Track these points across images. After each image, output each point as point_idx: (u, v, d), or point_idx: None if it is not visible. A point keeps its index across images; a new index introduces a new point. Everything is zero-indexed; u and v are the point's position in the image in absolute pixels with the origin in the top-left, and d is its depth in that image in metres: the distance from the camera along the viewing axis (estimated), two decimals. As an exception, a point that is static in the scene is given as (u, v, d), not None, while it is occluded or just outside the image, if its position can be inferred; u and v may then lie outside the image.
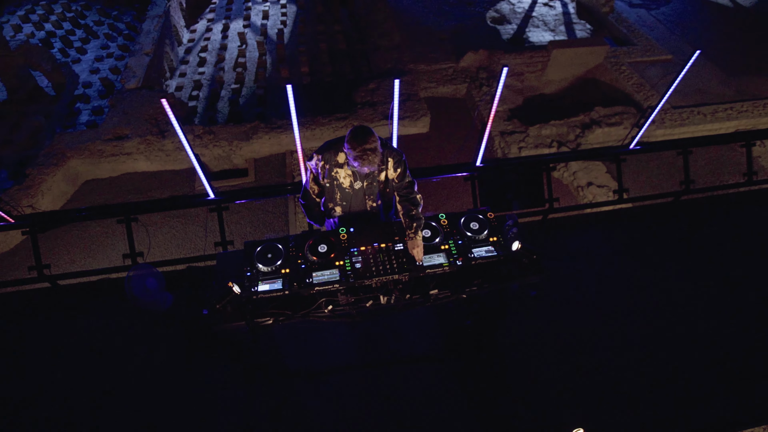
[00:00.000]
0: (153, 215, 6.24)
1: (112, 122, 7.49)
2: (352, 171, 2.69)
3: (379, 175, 2.76)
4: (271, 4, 12.42)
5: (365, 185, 2.76)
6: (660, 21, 10.28)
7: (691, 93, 8.09)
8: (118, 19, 11.55)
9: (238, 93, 9.78)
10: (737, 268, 3.47)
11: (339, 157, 2.68)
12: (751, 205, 3.94)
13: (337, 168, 2.69)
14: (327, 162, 2.70)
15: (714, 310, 3.28)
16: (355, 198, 2.79)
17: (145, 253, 3.19)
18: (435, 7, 11.03)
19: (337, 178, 2.72)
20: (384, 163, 2.72)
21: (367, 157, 2.39)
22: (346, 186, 2.74)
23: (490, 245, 2.47)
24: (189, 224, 6.32)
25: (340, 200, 2.80)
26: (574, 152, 3.76)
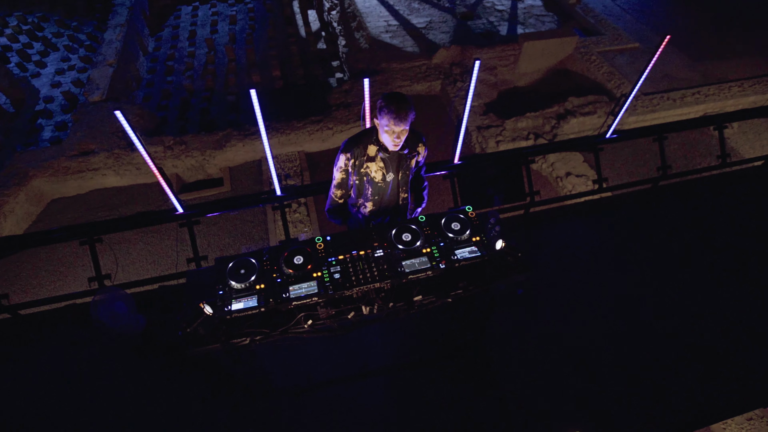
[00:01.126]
0: (122, 233, 6.00)
1: (77, 137, 7.18)
2: (384, 162, 2.62)
3: (411, 161, 2.70)
4: (238, 9, 12.16)
5: (400, 176, 2.69)
6: (625, 10, 10.47)
7: (659, 79, 8.25)
8: (78, 29, 11.12)
9: (209, 101, 9.53)
10: (724, 251, 3.50)
11: (369, 150, 2.60)
12: (729, 187, 3.99)
13: (368, 162, 2.61)
14: (356, 158, 2.62)
15: (703, 297, 3.29)
16: (388, 191, 2.72)
17: (113, 275, 3.02)
18: (404, 4, 10.98)
19: (368, 174, 2.65)
20: (415, 149, 2.69)
21: (402, 107, 2.36)
22: (378, 180, 2.67)
23: (473, 245, 2.40)
24: (160, 241, 6.09)
25: (372, 195, 2.73)
26: (552, 144, 3.74)
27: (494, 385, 2.89)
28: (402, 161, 2.68)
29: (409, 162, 2.71)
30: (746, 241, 3.57)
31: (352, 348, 2.95)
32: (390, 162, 2.65)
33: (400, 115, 2.38)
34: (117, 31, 9.34)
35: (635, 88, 3.42)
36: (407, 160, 2.69)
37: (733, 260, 3.45)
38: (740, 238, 3.59)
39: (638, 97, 7.76)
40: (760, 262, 3.43)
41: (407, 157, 2.68)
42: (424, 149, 2.77)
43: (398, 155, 2.65)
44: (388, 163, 2.64)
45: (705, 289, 3.31)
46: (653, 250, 3.52)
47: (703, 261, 3.46)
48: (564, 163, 6.91)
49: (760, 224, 3.70)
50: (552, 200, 3.82)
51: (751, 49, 9.07)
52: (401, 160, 2.67)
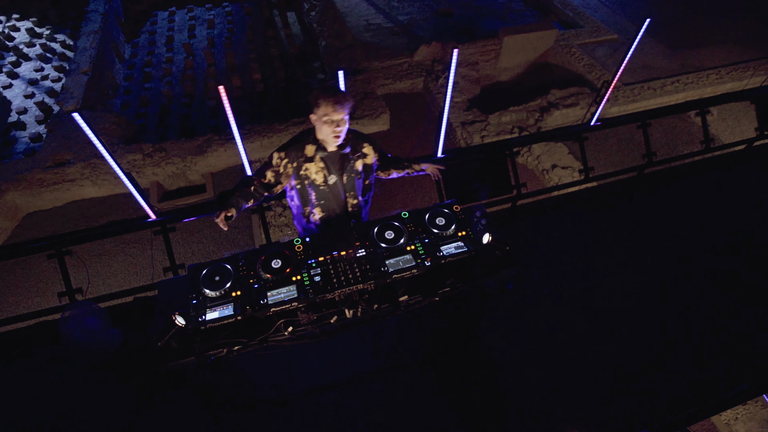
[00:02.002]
0: (95, 245, 5.82)
1: (51, 148, 6.96)
2: (325, 162, 2.46)
3: (355, 163, 2.55)
4: (216, 13, 11.97)
5: (345, 179, 2.53)
6: (603, 2, 10.55)
7: (638, 69, 8.31)
8: (51, 38, 10.82)
9: (189, 106, 9.34)
10: (717, 236, 3.48)
11: (307, 150, 2.43)
12: (712, 171, 3.99)
13: (307, 163, 2.44)
14: (292, 160, 2.45)
15: (695, 287, 3.26)
16: (333, 195, 2.56)
17: (85, 288, 2.87)
18: (384, 3, 10.92)
19: (308, 176, 2.47)
20: (359, 150, 2.55)
21: (342, 99, 2.26)
22: (320, 182, 2.50)
23: (459, 240, 2.32)
24: (137, 251, 5.91)
25: (317, 200, 2.56)
26: (537, 134, 3.70)
27: (488, 385, 2.82)
28: (345, 162, 2.51)
29: (354, 163, 2.54)
30: (734, 226, 3.56)
31: (340, 353, 2.86)
32: (331, 162, 2.48)
33: (338, 100, 2.26)
34: (91, 38, 9.10)
35: (617, 73, 3.39)
36: (351, 162, 2.53)
37: (723, 248, 3.44)
38: (727, 225, 3.58)
39: (619, 87, 7.80)
40: (748, 250, 3.42)
41: (350, 158, 2.52)
42: (373, 150, 2.62)
43: (340, 155, 2.48)
44: (328, 164, 2.47)
45: (697, 279, 3.28)
46: (643, 239, 3.49)
47: (694, 250, 3.44)
48: (549, 155, 6.90)
49: (744, 209, 3.70)
50: (539, 192, 3.77)
51: (725, 37, 9.20)
52: (344, 161, 2.50)
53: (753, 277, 3.26)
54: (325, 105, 2.27)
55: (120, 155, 6.87)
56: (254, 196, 2.53)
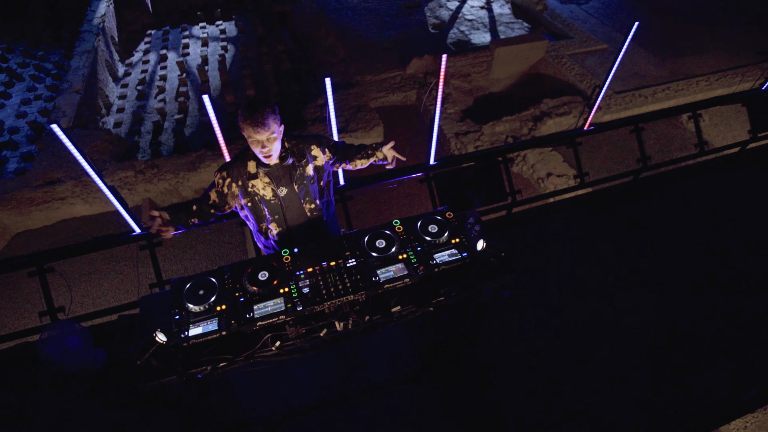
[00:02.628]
0: (80, 262, 5.73)
1: (42, 167, 6.89)
2: (270, 176, 2.36)
3: (305, 170, 2.44)
4: (209, 32, 12.08)
5: (296, 187, 2.43)
6: (591, 14, 10.72)
7: (629, 77, 8.38)
8: (45, 59, 10.85)
9: (182, 123, 9.33)
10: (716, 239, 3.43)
11: (249, 167, 2.34)
12: (707, 174, 3.96)
13: (252, 180, 2.35)
14: (235, 179, 2.36)
15: (693, 289, 3.19)
16: (288, 206, 2.46)
17: (67, 307, 2.77)
18: (376, 19, 11.05)
19: (256, 192, 2.38)
20: (305, 156, 2.43)
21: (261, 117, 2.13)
22: (270, 197, 2.40)
23: (453, 248, 2.25)
24: (123, 268, 5.80)
25: (271, 214, 2.46)
26: (530, 140, 3.67)
27: (487, 396, 2.72)
28: (292, 171, 2.40)
29: (303, 170, 2.43)
30: (732, 228, 3.51)
31: (331, 367, 2.75)
32: (276, 176, 2.37)
33: (256, 119, 2.13)
34: (84, 57, 9.12)
35: (609, 76, 3.38)
36: (298, 170, 2.41)
37: (720, 249, 3.38)
38: (726, 227, 3.53)
39: (611, 95, 7.85)
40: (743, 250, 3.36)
41: (296, 166, 2.41)
42: (321, 151, 2.49)
43: (283, 167, 2.38)
44: (273, 177, 2.37)
45: (697, 282, 3.22)
46: (641, 244, 3.43)
47: (692, 253, 3.38)
48: (544, 164, 6.88)
49: (741, 211, 3.66)
50: (534, 198, 3.72)
51: (712, 45, 9.33)
52: (290, 171, 2.39)
53: (753, 279, 3.19)
54: (246, 127, 2.17)
55: (111, 172, 6.80)
56: (198, 214, 2.45)
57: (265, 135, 2.17)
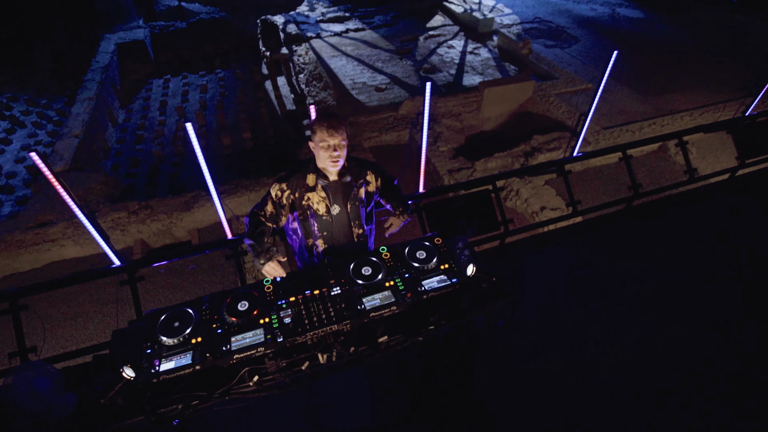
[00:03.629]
0: (61, 305, 5.57)
1: (35, 209, 6.87)
2: (326, 191, 2.39)
3: (359, 191, 2.48)
4: (209, 79, 12.53)
5: (348, 207, 2.45)
6: (574, 57, 11.21)
7: (616, 114, 8.62)
8: (48, 107, 11.16)
9: (179, 166, 9.43)
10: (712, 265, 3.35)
11: (308, 180, 2.38)
12: (698, 202, 3.95)
13: (308, 193, 2.38)
14: (294, 190, 2.38)
15: (690, 317, 3.08)
16: (338, 226, 2.47)
17: (40, 347, 2.62)
18: (369, 64, 11.53)
19: (310, 206, 2.41)
20: (362, 177, 2.49)
21: (333, 116, 2.25)
22: (323, 212, 2.42)
23: (441, 274, 2.17)
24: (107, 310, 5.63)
25: (320, 231, 2.47)
26: (520, 169, 3.68)
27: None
28: (348, 190, 2.45)
29: (357, 191, 2.49)
30: (727, 254, 3.45)
31: (312, 404, 2.56)
32: (333, 191, 2.42)
33: (333, 123, 2.25)
34: (85, 104, 9.38)
35: (593, 103, 3.44)
36: (354, 189, 2.47)
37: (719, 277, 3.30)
38: (721, 252, 3.47)
39: (599, 131, 8.03)
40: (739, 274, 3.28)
41: (353, 185, 2.47)
42: (376, 177, 2.57)
43: (342, 184, 2.43)
44: (329, 193, 2.41)
45: (692, 312, 3.11)
46: (637, 271, 3.35)
47: (687, 281, 3.29)
48: (538, 197, 6.90)
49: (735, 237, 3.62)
50: (527, 228, 3.67)
51: (692, 83, 9.71)
52: (346, 189, 2.45)
53: (748, 308, 3.09)
54: (321, 130, 2.26)
55: (104, 213, 6.77)
56: (267, 232, 2.43)
57: (339, 139, 2.27)
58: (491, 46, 12.51)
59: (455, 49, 12.40)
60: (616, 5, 15.05)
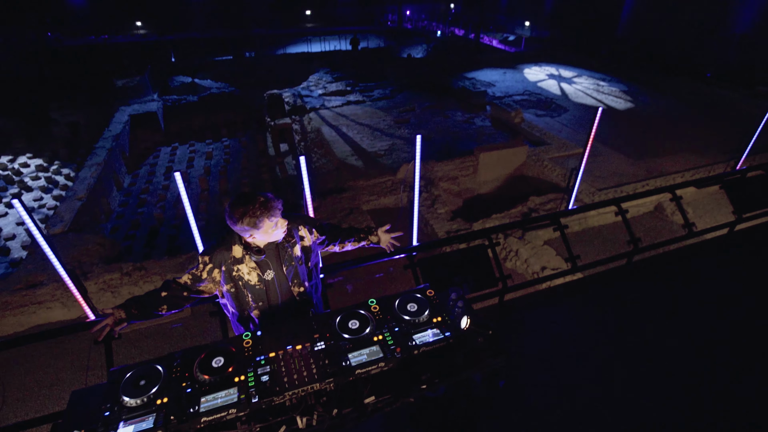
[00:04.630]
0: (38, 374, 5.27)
1: (27, 270, 6.76)
2: (256, 262, 2.23)
3: (293, 250, 2.32)
4: (214, 147, 13.05)
5: (285, 269, 2.28)
6: (564, 125, 11.74)
7: (609, 176, 8.80)
8: (57, 172, 11.51)
9: (178, 228, 9.47)
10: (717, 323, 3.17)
11: (235, 252, 2.21)
12: (697, 259, 3.86)
13: (237, 265, 2.21)
14: (219, 264, 2.21)
15: (698, 379, 2.84)
16: (274, 290, 2.29)
17: None
18: (368, 132, 12.06)
19: (241, 278, 2.23)
20: (293, 235, 2.33)
21: (265, 202, 2.05)
22: (255, 282, 2.24)
23: (434, 327, 2.03)
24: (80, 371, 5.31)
25: (255, 301, 2.28)
26: (514, 223, 3.63)
27: None
28: (281, 252, 2.27)
29: (292, 251, 2.30)
30: (725, 315, 3.28)
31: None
32: (265, 260, 2.24)
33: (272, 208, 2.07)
34: (93, 169, 9.66)
35: (585, 153, 3.49)
36: (288, 249, 2.29)
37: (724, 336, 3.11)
38: (726, 310, 3.30)
39: (594, 192, 8.14)
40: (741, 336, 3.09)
41: (286, 245, 2.29)
42: (309, 229, 2.39)
43: (273, 246, 2.25)
44: (261, 263, 2.23)
45: (698, 371, 2.88)
46: (640, 329, 3.17)
47: (692, 339, 3.09)
48: (537, 258, 6.80)
49: (735, 295, 3.47)
50: (526, 284, 3.54)
51: (680, 147, 10.05)
52: (279, 251, 2.27)
53: (753, 367, 2.86)
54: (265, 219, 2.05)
55: (97, 275, 6.65)
56: (168, 301, 2.24)
57: (279, 216, 2.14)
58: (485, 116, 13.18)
59: (451, 119, 13.05)
60: (600, 80, 16.11)
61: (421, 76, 16.96)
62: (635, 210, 8.17)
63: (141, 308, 2.19)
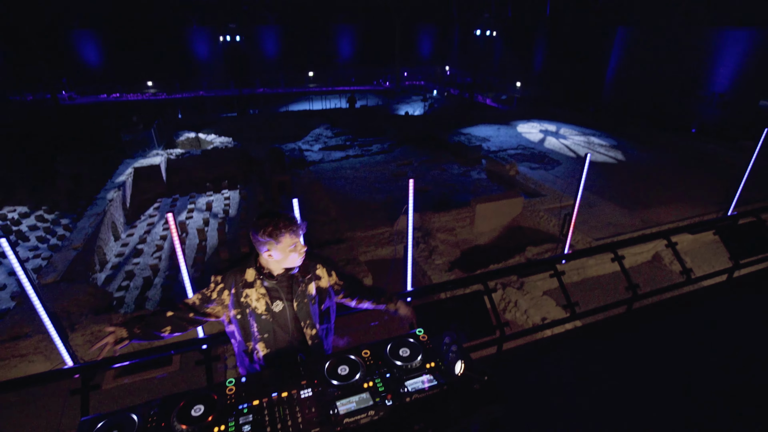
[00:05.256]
0: None
1: (12, 321, 6.58)
2: (267, 288, 2.14)
3: (307, 287, 2.22)
4: (215, 198, 13.23)
5: (296, 305, 2.18)
6: (558, 177, 12.02)
7: (604, 227, 8.86)
8: (56, 222, 11.56)
9: (173, 279, 9.34)
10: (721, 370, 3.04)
11: (247, 275, 2.14)
12: (696, 307, 3.78)
13: (246, 289, 2.12)
14: (230, 286, 2.14)
15: None
16: (280, 326, 2.17)
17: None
18: (366, 185, 12.30)
19: (248, 304, 2.13)
20: (310, 271, 2.24)
21: (287, 218, 2.03)
22: (262, 311, 2.13)
23: (427, 373, 1.95)
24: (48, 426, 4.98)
25: (260, 332, 2.15)
26: (510, 267, 3.59)
27: None
28: (294, 285, 2.18)
29: (305, 287, 2.21)
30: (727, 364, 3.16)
31: None
32: (275, 287, 2.15)
33: (294, 226, 2.06)
34: (92, 219, 9.72)
35: (578, 194, 3.53)
36: (301, 284, 2.20)
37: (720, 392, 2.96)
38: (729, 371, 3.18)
39: (591, 242, 8.15)
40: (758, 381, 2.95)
41: (300, 280, 2.20)
42: (328, 271, 2.32)
43: (286, 277, 2.17)
44: (271, 289, 2.15)
45: (699, 421, 2.72)
46: (645, 378, 3.03)
47: (697, 391, 2.95)
48: (537, 309, 6.66)
49: (736, 343, 3.36)
50: (524, 332, 3.43)
51: (672, 198, 10.23)
52: (292, 284, 2.18)
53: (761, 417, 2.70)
54: (288, 235, 2.03)
55: (85, 326, 6.46)
56: (173, 321, 2.15)
57: (301, 237, 2.12)
58: (480, 169, 13.52)
59: (447, 172, 13.38)
60: (590, 135, 16.75)
61: (418, 132, 17.63)
62: (633, 259, 8.15)
63: (144, 327, 2.10)
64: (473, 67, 27.99)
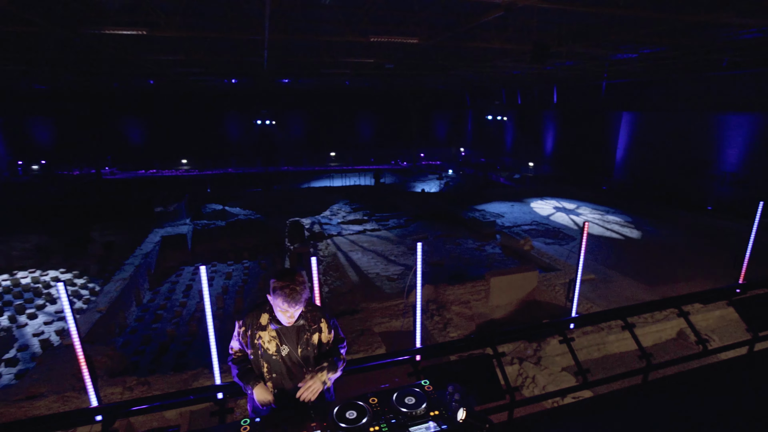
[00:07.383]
0: None
1: (31, 380, 6.71)
2: (277, 332, 2.40)
3: (312, 336, 2.47)
4: (235, 268, 13.65)
5: (300, 351, 2.41)
6: (573, 252, 12.06)
7: (623, 301, 8.71)
8: (84, 286, 12.02)
9: (188, 345, 9.43)
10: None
11: (262, 319, 2.43)
12: (716, 381, 3.67)
13: (260, 332, 2.40)
14: (249, 327, 2.43)
15: None
16: (287, 368, 2.40)
17: None
18: (382, 258, 12.56)
19: (261, 345, 2.39)
20: (316, 323, 2.50)
21: (295, 290, 2.27)
22: (272, 352, 2.39)
23: (431, 420, 2.04)
24: None
25: (269, 372, 2.40)
26: (519, 330, 3.66)
27: None
28: (301, 334, 2.46)
29: (311, 337, 2.48)
30: None
31: None
32: (284, 332, 2.44)
33: (295, 298, 2.30)
34: (118, 284, 10.14)
35: (580, 263, 3.68)
36: (307, 333, 2.47)
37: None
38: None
39: (609, 318, 7.98)
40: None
41: (306, 329, 2.47)
42: (329, 329, 2.54)
43: (295, 327, 2.45)
44: (281, 334, 2.43)
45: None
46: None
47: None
48: (556, 384, 6.40)
49: None
50: (535, 399, 3.39)
51: (691, 274, 10.07)
52: (300, 333, 2.46)
53: None
54: (282, 299, 2.30)
55: (99, 388, 6.51)
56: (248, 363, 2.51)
57: (296, 309, 2.35)
58: (495, 244, 13.71)
59: (462, 246, 13.60)
60: (605, 212, 16.97)
61: (434, 208, 18.23)
62: (656, 336, 7.88)
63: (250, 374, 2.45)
64: (486, 149, 29.49)
